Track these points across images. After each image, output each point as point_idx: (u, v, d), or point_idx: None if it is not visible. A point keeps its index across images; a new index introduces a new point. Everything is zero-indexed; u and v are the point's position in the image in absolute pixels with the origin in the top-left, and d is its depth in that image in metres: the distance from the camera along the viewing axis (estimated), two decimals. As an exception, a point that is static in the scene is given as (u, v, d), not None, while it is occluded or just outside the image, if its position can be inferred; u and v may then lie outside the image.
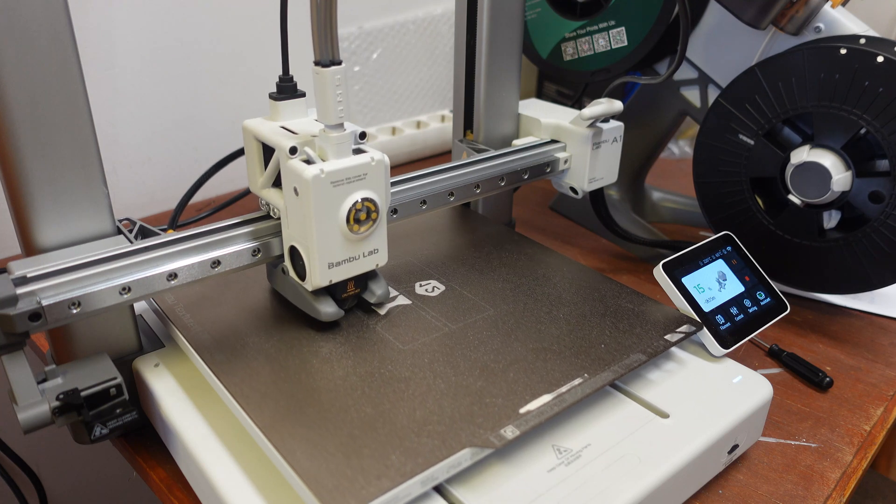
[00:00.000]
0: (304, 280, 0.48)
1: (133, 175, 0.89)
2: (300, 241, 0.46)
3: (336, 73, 0.43)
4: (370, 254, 0.49)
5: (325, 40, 0.42)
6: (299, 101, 0.50)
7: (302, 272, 0.48)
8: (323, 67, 0.43)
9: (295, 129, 0.47)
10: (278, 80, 0.49)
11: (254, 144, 0.49)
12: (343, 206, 0.45)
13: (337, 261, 0.47)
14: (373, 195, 0.46)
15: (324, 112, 0.44)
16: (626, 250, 0.81)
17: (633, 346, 0.49)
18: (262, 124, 0.49)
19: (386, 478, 0.37)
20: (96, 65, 0.81)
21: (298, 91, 0.50)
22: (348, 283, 0.50)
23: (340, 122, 0.44)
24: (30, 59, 0.39)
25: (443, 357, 0.47)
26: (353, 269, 0.48)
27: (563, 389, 0.44)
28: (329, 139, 0.44)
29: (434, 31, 1.11)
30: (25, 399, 0.40)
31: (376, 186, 0.47)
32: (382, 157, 0.46)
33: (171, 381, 0.48)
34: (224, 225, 0.48)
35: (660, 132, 0.82)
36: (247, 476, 0.41)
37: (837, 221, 0.63)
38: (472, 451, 0.40)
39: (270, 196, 0.49)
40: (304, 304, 0.50)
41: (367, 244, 0.48)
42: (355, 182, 0.45)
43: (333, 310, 0.49)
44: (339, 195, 0.45)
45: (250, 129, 0.48)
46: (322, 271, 0.46)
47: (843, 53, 0.57)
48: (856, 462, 0.52)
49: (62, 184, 0.43)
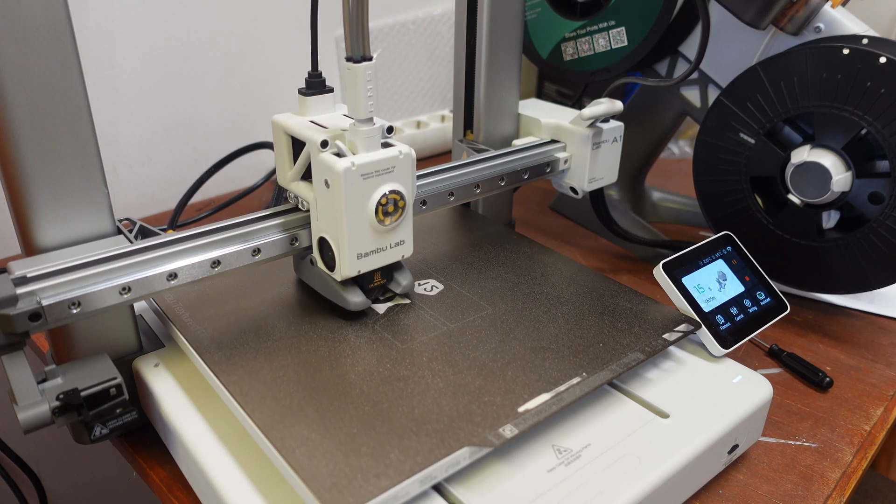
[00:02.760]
0: (333, 270, 0.49)
1: (133, 175, 0.89)
2: (330, 232, 0.47)
3: (367, 69, 0.44)
4: (397, 245, 0.50)
5: (357, 37, 0.43)
6: (328, 96, 0.50)
7: (331, 263, 0.48)
8: (355, 63, 0.44)
9: (324, 123, 0.48)
10: (307, 77, 0.50)
11: (283, 138, 0.50)
12: (372, 198, 0.46)
13: (365, 251, 0.48)
14: (400, 187, 0.47)
15: (354, 106, 0.45)
16: (626, 250, 0.81)
17: (631, 345, 0.49)
18: (292, 119, 0.49)
19: (385, 476, 0.37)
20: (96, 65, 0.81)
21: (327, 87, 0.51)
22: (375, 273, 0.51)
23: (371, 116, 0.45)
24: (30, 59, 0.39)
25: (441, 356, 0.47)
26: (381, 259, 0.49)
27: (561, 388, 0.44)
28: (359, 133, 0.45)
29: (434, 31, 1.11)
30: (25, 399, 0.40)
31: (403, 179, 0.47)
32: (409, 151, 0.47)
33: (171, 381, 0.48)
34: (224, 225, 0.48)
35: (660, 132, 0.82)
36: (247, 476, 0.41)
37: (836, 221, 0.63)
38: (471, 450, 0.40)
39: (299, 189, 0.49)
40: (333, 294, 0.51)
41: (394, 235, 0.49)
42: (384, 175, 0.46)
43: (361, 299, 0.50)
44: (368, 187, 0.46)
45: (280, 124, 0.49)
46: (351, 262, 0.47)
47: (846, 54, 0.57)
48: (856, 462, 0.52)
49: (62, 184, 0.43)
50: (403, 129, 1.05)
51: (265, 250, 0.49)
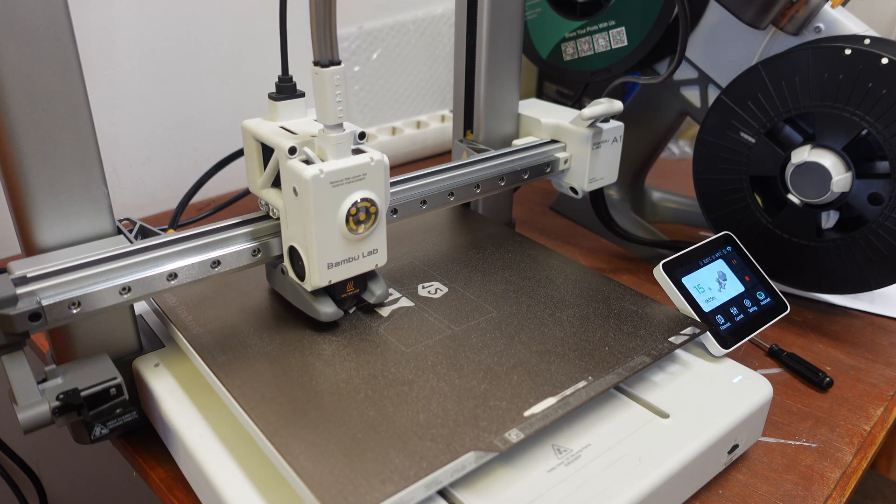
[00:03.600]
0: (304, 280, 0.48)
1: (133, 175, 0.89)
2: (299, 241, 0.46)
3: (335, 74, 0.43)
4: (369, 254, 0.49)
5: (324, 40, 0.42)
6: (299, 101, 0.50)
7: (301, 272, 0.48)
8: (322, 67, 0.43)
9: (294, 129, 0.47)
10: (277, 81, 0.49)
11: (253, 144, 0.49)
12: (342, 206, 0.45)
13: (336, 261, 0.47)
14: (372, 195, 0.46)
15: (323, 112, 0.44)
16: (626, 250, 0.81)
17: (637, 348, 0.49)
18: (262, 124, 0.49)
19: (390, 482, 0.37)
20: (96, 65, 0.81)
21: (298, 91, 0.50)
22: (347, 283, 0.50)
23: (340, 122, 0.44)
24: (30, 59, 0.39)
25: (446, 359, 0.47)
26: (353, 269, 0.48)
27: (567, 392, 0.44)
28: (328, 139, 0.44)
29: (434, 31, 1.11)
30: (25, 399, 0.40)
31: (375, 186, 0.46)
32: (382, 158, 0.46)
33: (171, 381, 0.48)
34: (224, 225, 0.48)
35: (660, 132, 0.82)
36: (247, 476, 0.41)
37: (835, 222, 0.63)
38: (477, 455, 0.39)
39: (270, 196, 0.49)
40: (304, 305, 0.50)
41: (366, 244, 0.48)
42: (354, 182, 0.45)
43: (332, 310, 0.49)
44: (338, 195, 0.45)
45: (249, 130, 0.48)
46: (321, 271, 0.46)
47: (848, 54, 0.57)
48: (856, 462, 0.52)
49: (62, 184, 0.43)
50: (403, 129, 1.05)
51: (264, 251, 0.49)
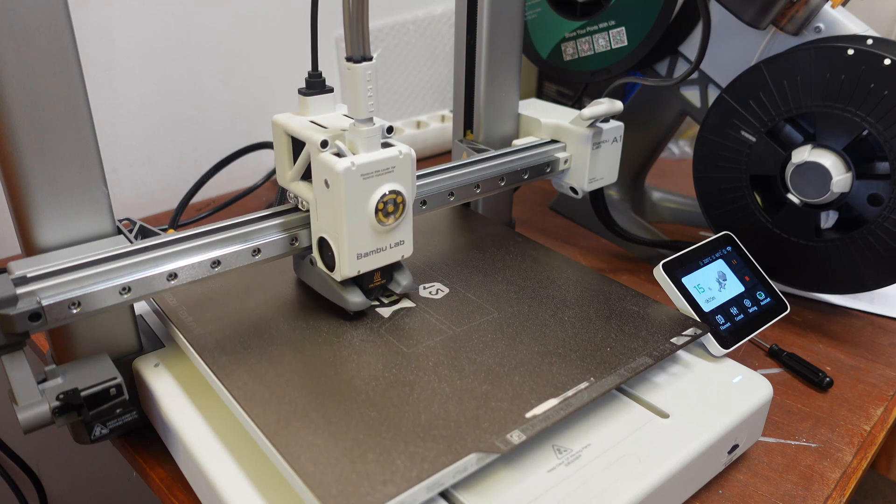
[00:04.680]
0: (333, 270, 0.49)
1: (133, 175, 0.89)
2: (330, 232, 0.47)
3: (367, 69, 0.44)
4: (396, 245, 0.50)
5: (357, 37, 0.43)
6: (328, 96, 0.50)
7: (331, 263, 0.49)
8: (355, 63, 0.44)
9: (324, 123, 0.48)
10: (307, 76, 0.50)
11: (283, 139, 0.50)
12: (372, 197, 0.46)
13: (365, 251, 0.48)
14: (400, 187, 0.47)
15: (354, 106, 0.45)
16: (626, 250, 0.81)
17: (638, 349, 0.49)
18: (292, 119, 0.49)
19: (392, 483, 0.37)
20: (96, 65, 0.81)
21: (327, 87, 0.51)
22: (375, 273, 0.51)
23: (370, 116, 0.45)
24: (30, 59, 0.39)
25: (448, 360, 0.47)
26: (381, 259, 0.49)
27: (569, 393, 0.44)
28: (359, 133, 0.45)
29: (434, 31, 1.11)
30: (25, 399, 0.40)
31: (403, 179, 0.47)
32: (409, 151, 0.47)
33: (171, 381, 0.48)
34: (224, 225, 0.48)
35: (660, 132, 0.82)
36: (247, 476, 0.41)
37: (834, 222, 0.63)
38: (479, 457, 0.39)
39: (299, 189, 0.49)
40: (332, 294, 0.51)
41: (393, 235, 0.49)
42: (384, 175, 0.46)
43: (361, 299, 0.50)
44: (368, 187, 0.46)
45: (280, 124, 0.49)
46: (351, 262, 0.47)
47: (850, 54, 0.57)
48: (856, 462, 0.52)
49: (62, 184, 0.43)
50: (403, 129, 1.05)
51: (265, 250, 0.49)
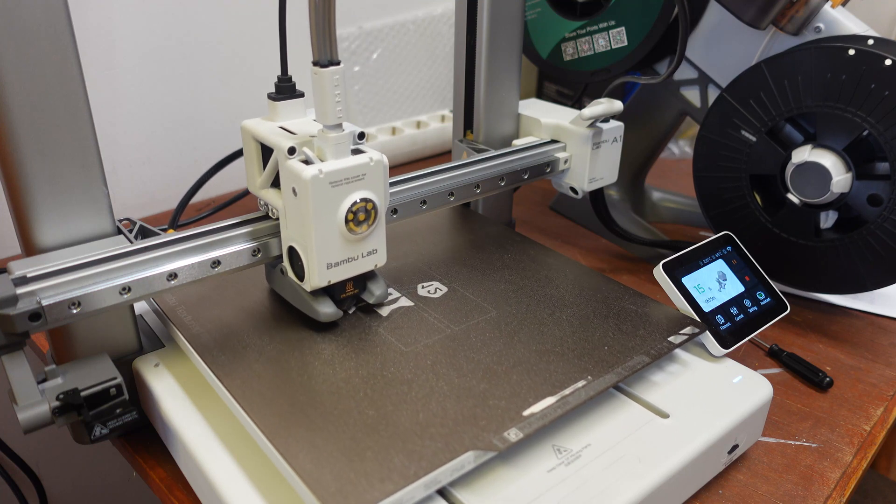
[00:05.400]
0: (303, 280, 0.48)
1: (133, 175, 0.89)
2: (299, 241, 0.46)
3: (334, 74, 0.43)
4: (369, 254, 0.49)
5: (324, 40, 0.42)
6: (298, 101, 0.50)
7: (301, 272, 0.48)
8: (321, 68, 0.43)
9: (293, 129, 0.47)
10: (277, 81, 0.49)
11: (252, 145, 0.49)
12: (342, 206, 0.45)
13: (336, 261, 0.47)
14: (371, 195, 0.46)
15: (322, 112, 0.44)
16: (626, 250, 0.81)
17: (636, 347, 0.49)
18: (261, 124, 0.49)
19: (389, 481, 0.37)
20: (96, 65, 0.81)
21: (297, 91, 0.50)
22: (347, 283, 0.50)
23: (339, 122, 0.44)
24: (30, 59, 0.39)
25: (445, 359, 0.47)
26: (352, 269, 0.48)
27: (566, 392, 0.44)
28: (327, 139, 0.44)
29: (434, 31, 1.11)
30: (25, 399, 0.40)
31: (375, 186, 0.46)
32: (381, 158, 0.46)
33: (171, 381, 0.48)
34: (224, 225, 0.48)
35: (660, 132, 0.82)
36: (247, 476, 0.41)
37: (834, 222, 0.63)
38: (476, 454, 0.39)
39: (269, 196, 0.49)
40: (303, 305, 0.50)
41: (365, 244, 0.48)
42: (354, 182, 0.45)
43: (332, 310, 0.49)
44: (337, 195, 0.45)
45: (249, 130, 0.48)
46: (321, 272, 0.46)
47: (852, 55, 0.57)
48: (856, 462, 0.52)
49: (62, 184, 0.43)
50: (403, 129, 1.05)
51: (265, 251, 0.49)
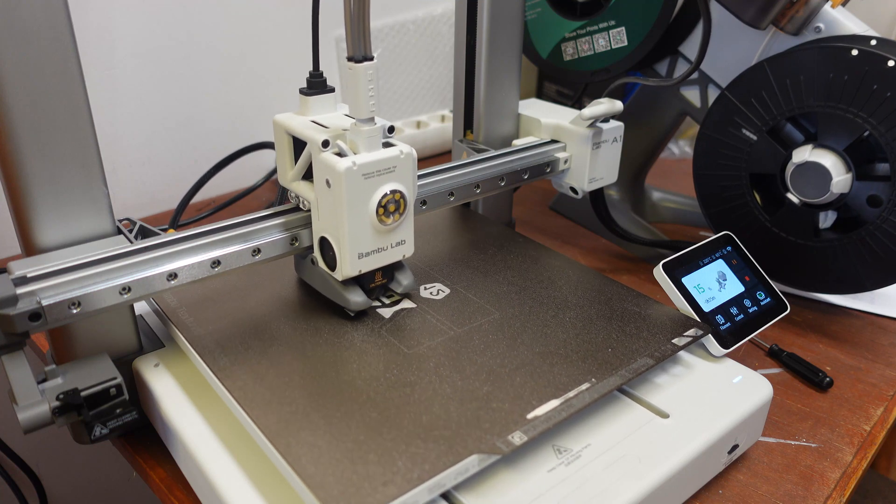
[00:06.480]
0: (334, 270, 0.49)
1: (133, 175, 0.89)
2: (331, 231, 0.47)
3: (368, 69, 0.44)
4: (398, 245, 0.50)
5: (358, 36, 0.43)
6: (329, 96, 0.51)
7: (332, 262, 0.49)
8: (356, 63, 0.44)
9: (325, 123, 0.48)
10: (308, 76, 0.50)
11: (285, 138, 0.50)
12: (373, 197, 0.46)
13: (366, 251, 0.48)
14: (401, 187, 0.47)
15: (356, 106, 0.45)
16: (626, 250, 0.81)
17: (640, 350, 0.49)
18: (293, 118, 0.49)
19: (392, 484, 0.37)
20: (96, 65, 0.81)
21: (328, 87, 0.51)
22: (376, 273, 0.51)
23: (372, 115, 0.45)
24: (30, 59, 0.39)
25: (449, 361, 0.47)
26: (382, 259, 0.49)
27: (570, 394, 0.44)
28: (360, 132, 0.45)
29: (434, 31, 1.11)
30: (25, 399, 0.40)
31: (405, 179, 0.47)
32: (411, 151, 0.47)
33: (171, 381, 0.48)
34: (224, 225, 0.48)
35: (660, 132, 0.82)
36: (247, 476, 0.41)
37: (833, 222, 0.63)
38: (480, 458, 0.39)
39: (301, 189, 0.50)
40: (334, 294, 0.51)
41: (395, 235, 0.49)
42: (385, 174, 0.46)
43: (362, 299, 0.50)
44: (369, 187, 0.46)
45: (282, 124, 0.49)
46: (352, 261, 0.47)
47: (854, 55, 0.57)
48: (856, 462, 0.52)
49: (62, 184, 0.43)
50: (403, 129, 1.05)
51: (265, 250, 0.49)
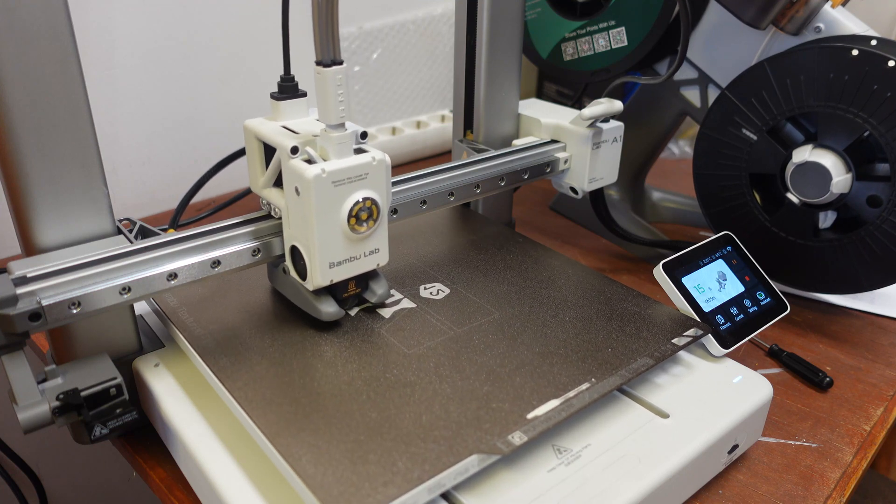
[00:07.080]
0: (305, 280, 0.48)
1: (133, 175, 0.89)
2: (301, 240, 0.46)
3: (337, 73, 0.43)
4: (371, 253, 0.49)
5: (327, 40, 0.42)
6: (300, 100, 0.50)
7: (303, 272, 0.48)
8: (324, 67, 0.43)
9: (296, 128, 0.48)
10: (279, 80, 0.49)
11: (255, 144, 0.49)
12: (344, 205, 0.45)
13: (338, 260, 0.47)
14: (374, 195, 0.46)
15: (325, 112, 0.44)
16: (626, 250, 0.81)
17: (640, 349, 0.49)
18: (264, 124, 0.49)
19: (393, 485, 0.37)
20: (96, 65, 0.81)
21: (300, 91, 0.50)
22: (349, 282, 0.50)
23: (342, 121, 0.45)
24: (30, 59, 0.39)
25: (448, 361, 0.47)
26: (354, 268, 0.48)
27: (570, 394, 0.44)
28: (330, 139, 0.44)
29: (434, 31, 1.11)
30: (25, 399, 0.40)
31: (377, 186, 0.47)
32: (384, 157, 0.46)
33: (171, 381, 0.48)
34: (224, 225, 0.48)
35: (660, 132, 0.82)
36: (247, 476, 0.41)
37: (833, 222, 0.63)
38: (480, 458, 0.39)
39: (271, 196, 0.49)
40: (305, 304, 0.50)
41: (368, 244, 0.48)
42: (356, 182, 0.45)
43: (334, 309, 0.49)
44: (340, 195, 0.45)
45: (251, 129, 0.48)
46: (323, 271, 0.46)
47: (855, 55, 0.57)
48: (856, 462, 0.52)
49: (62, 184, 0.43)
50: (403, 129, 1.05)
51: (265, 251, 0.49)
